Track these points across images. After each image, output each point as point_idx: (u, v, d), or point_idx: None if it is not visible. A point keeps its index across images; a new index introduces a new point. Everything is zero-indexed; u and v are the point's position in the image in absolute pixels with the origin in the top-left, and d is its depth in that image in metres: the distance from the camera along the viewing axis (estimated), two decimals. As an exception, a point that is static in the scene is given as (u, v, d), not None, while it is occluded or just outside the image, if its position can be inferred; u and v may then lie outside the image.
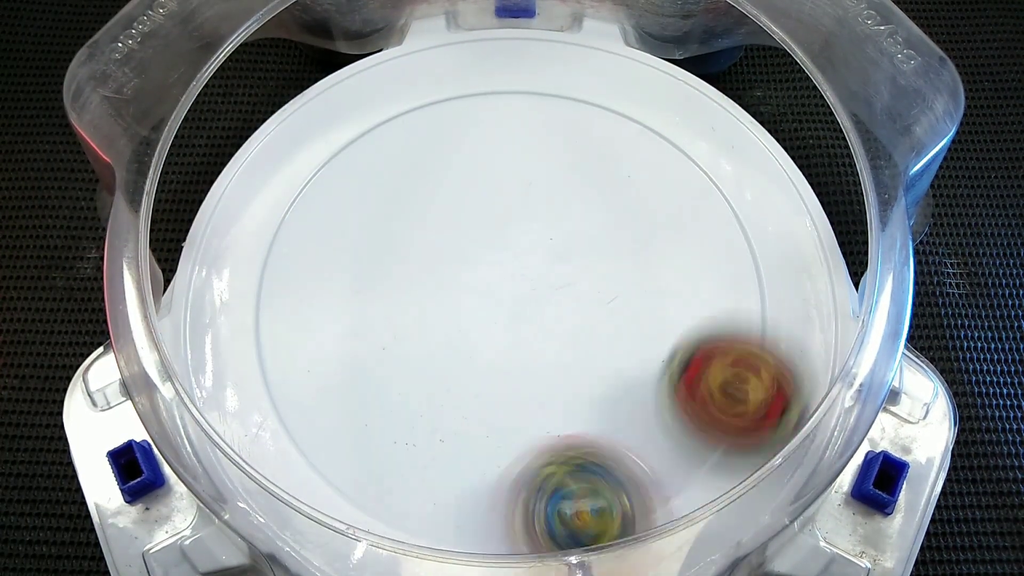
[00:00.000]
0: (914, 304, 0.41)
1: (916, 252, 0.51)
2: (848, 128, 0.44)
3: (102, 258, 0.42)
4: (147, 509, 0.41)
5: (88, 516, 0.41)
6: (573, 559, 0.37)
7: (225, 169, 0.49)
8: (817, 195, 0.48)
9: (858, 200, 0.54)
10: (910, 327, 0.40)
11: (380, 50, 0.53)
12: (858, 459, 0.41)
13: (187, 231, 0.47)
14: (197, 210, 0.48)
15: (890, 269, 0.41)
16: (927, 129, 0.44)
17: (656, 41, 0.53)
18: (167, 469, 0.41)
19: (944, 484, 0.41)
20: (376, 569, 0.39)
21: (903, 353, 0.41)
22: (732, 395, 0.42)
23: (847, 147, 0.44)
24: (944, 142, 0.43)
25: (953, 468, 0.43)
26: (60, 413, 0.42)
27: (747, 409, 0.42)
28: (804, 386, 0.42)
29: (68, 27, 0.61)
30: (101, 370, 0.43)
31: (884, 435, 0.42)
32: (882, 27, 0.45)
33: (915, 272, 0.42)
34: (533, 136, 0.50)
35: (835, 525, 0.41)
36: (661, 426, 0.43)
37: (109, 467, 0.41)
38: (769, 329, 0.45)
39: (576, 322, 0.46)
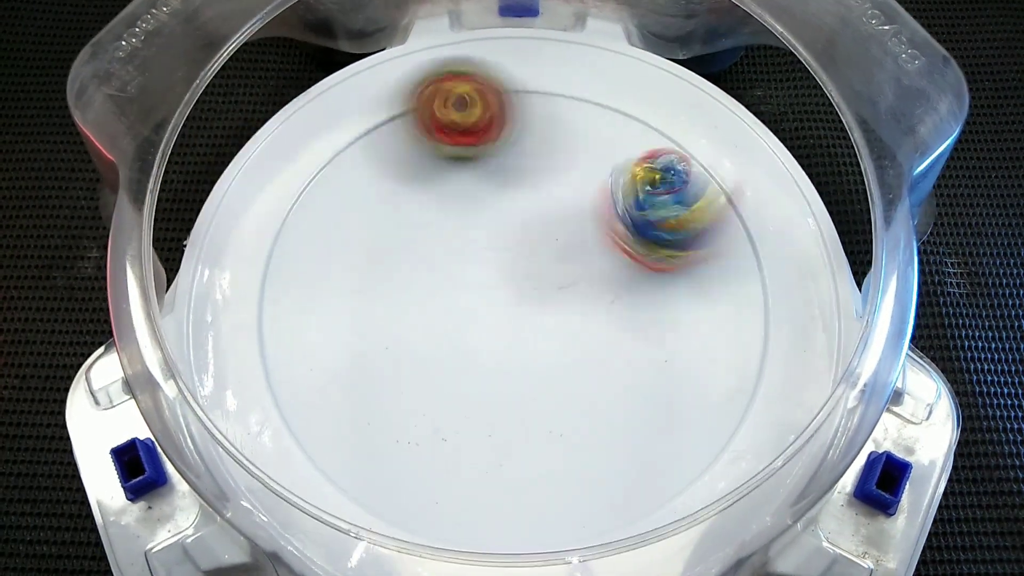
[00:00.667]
0: (918, 304, 0.41)
1: (917, 252, 0.51)
2: (852, 128, 0.44)
3: (104, 257, 0.42)
4: (149, 508, 0.41)
5: (90, 515, 0.41)
6: (574, 559, 0.37)
7: (228, 167, 0.49)
8: (820, 195, 0.48)
9: (861, 200, 0.54)
10: (914, 328, 0.40)
11: (383, 49, 0.53)
12: (861, 459, 0.41)
13: (190, 229, 0.47)
14: (200, 209, 0.48)
15: (894, 269, 0.41)
16: (931, 129, 0.44)
17: (659, 41, 0.53)
18: (169, 467, 0.41)
19: (946, 484, 0.42)
20: (377, 567, 0.39)
21: (907, 354, 0.41)
22: (459, 105, 0.47)
23: (849, 146, 0.44)
24: (948, 142, 0.43)
25: (955, 468, 0.43)
26: (61, 412, 0.42)
27: (474, 113, 0.47)
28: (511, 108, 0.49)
29: (69, 27, 0.61)
30: (104, 368, 0.43)
31: (887, 435, 0.42)
32: (886, 27, 0.45)
33: (919, 272, 0.42)
34: (536, 135, 0.50)
35: (838, 526, 0.41)
36: (663, 426, 0.44)
37: (111, 465, 0.41)
38: (772, 329, 0.45)
39: (578, 322, 0.46)
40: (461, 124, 0.47)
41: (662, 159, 0.44)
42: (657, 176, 0.44)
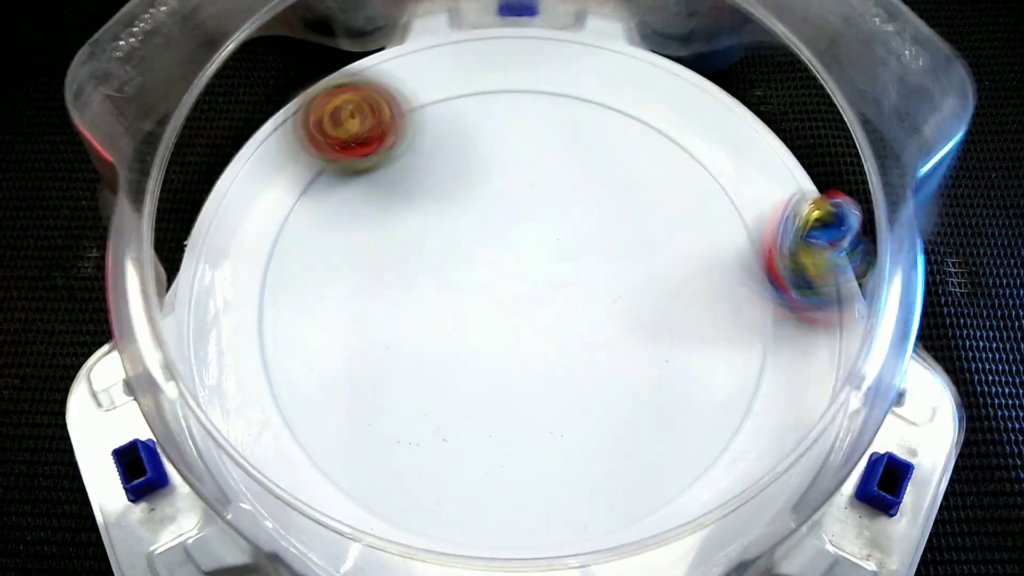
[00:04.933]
0: (923, 306, 0.41)
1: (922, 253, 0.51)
2: (855, 128, 0.44)
3: (104, 257, 0.42)
4: (152, 509, 0.41)
5: (91, 516, 0.41)
6: (577, 563, 0.37)
7: (228, 168, 0.49)
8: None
9: (863, 200, 0.54)
10: (919, 330, 0.40)
11: (382, 48, 0.53)
12: (863, 461, 0.41)
13: (189, 230, 0.47)
14: (199, 209, 0.48)
15: (898, 271, 0.41)
16: (936, 129, 0.43)
17: (660, 39, 0.53)
18: (171, 468, 0.41)
19: (948, 485, 0.42)
20: (378, 569, 0.39)
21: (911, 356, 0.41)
22: (338, 119, 0.47)
23: (851, 146, 0.44)
24: (953, 142, 0.43)
25: (957, 469, 0.43)
26: (61, 413, 0.42)
27: (355, 129, 0.47)
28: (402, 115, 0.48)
29: (68, 26, 0.61)
30: (105, 369, 0.43)
31: (889, 436, 0.42)
32: (890, 25, 0.45)
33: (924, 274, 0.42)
34: (536, 135, 0.50)
35: (840, 527, 0.41)
36: (664, 427, 0.43)
37: (113, 466, 0.41)
38: (774, 330, 0.45)
39: (578, 322, 0.46)
40: (347, 136, 0.47)
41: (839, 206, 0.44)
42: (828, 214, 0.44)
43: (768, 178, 0.49)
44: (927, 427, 0.42)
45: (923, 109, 0.44)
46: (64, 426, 0.42)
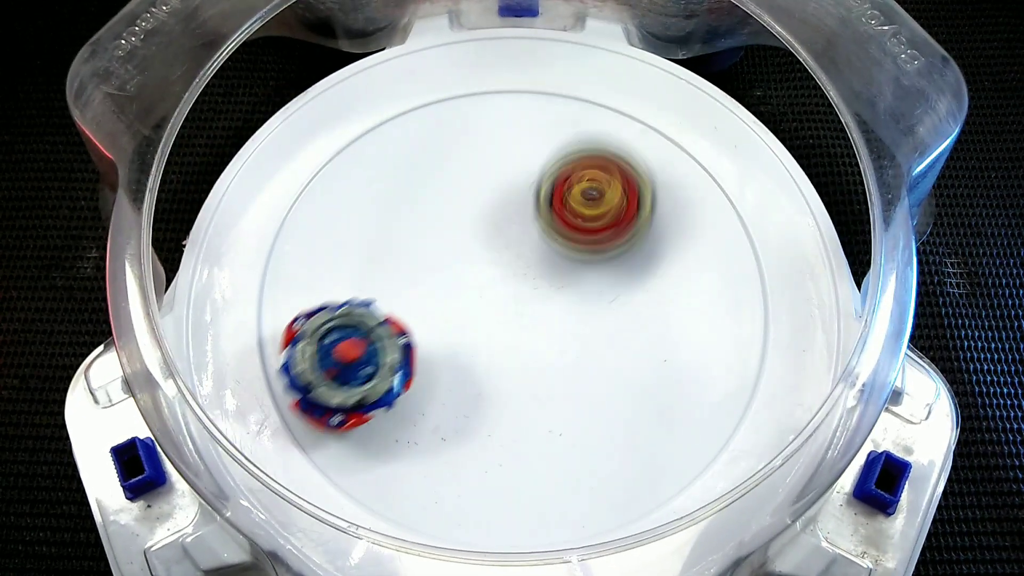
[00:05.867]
0: (916, 304, 0.41)
1: (917, 252, 0.51)
2: (851, 128, 0.44)
3: (103, 257, 0.42)
4: (149, 507, 0.41)
5: (88, 516, 0.41)
6: (574, 558, 0.37)
7: (228, 167, 0.49)
8: (819, 195, 0.48)
9: (860, 200, 0.54)
10: (912, 327, 0.40)
11: (383, 49, 0.53)
12: (860, 459, 0.42)
13: (188, 229, 0.47)
14: (198, 208, 0.48)
15: (893, 269, 0.41)
16: (930, 129, 0.44)
17: (659, 41, 0.53)
18: (169, 466, 0.41)
19: (945, 484, 0.42)
20: (377, 567, 0.39)
21: (906, 353, 0.41)
22: (591, 198, 0.45)
23: (849, 147, 0.44)
24: (948, 142, 0.43)
25: (954, 468, 0.43)
26: (60, 413, 0.42)
27: (608, 207, 0.45)
28: (647, 179, 0.46)
29: (68, 26, 0.61)
30: (103, 367, 0.43)
31: (886, 435, 0.42)
32: (885, 27, 0.45)
33: (918, 272, 0.42)
34: (536, 135, 0.50)
35: (837, 525, 0.41)
36: (662, 425, 0.44)
37: (111, 464, 0.41)
38: (771, 328, 0.45)
39: (577, 322, 0.46)
40: (595, 218, 0.45)
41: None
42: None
43: (767, 178, 0.49)
44: (924, 426, 0.42)
45: (918, 110, 0.44)
46: (63, 427, 0.42)
